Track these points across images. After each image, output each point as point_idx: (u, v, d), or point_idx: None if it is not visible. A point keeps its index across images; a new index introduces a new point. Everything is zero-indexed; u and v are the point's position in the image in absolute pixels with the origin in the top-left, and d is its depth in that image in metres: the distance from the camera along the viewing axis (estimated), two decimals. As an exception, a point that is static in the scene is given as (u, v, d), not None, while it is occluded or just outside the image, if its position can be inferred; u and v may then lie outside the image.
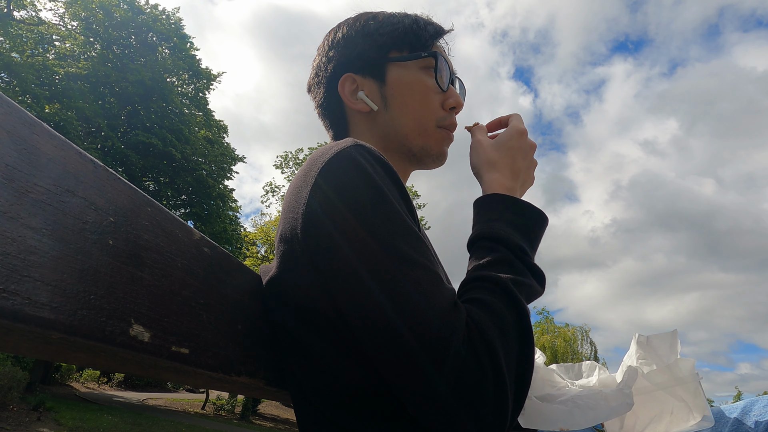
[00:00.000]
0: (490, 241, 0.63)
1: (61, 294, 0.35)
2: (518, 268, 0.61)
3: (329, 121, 0.88)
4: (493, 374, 0.50)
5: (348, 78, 0.82)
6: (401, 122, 0.81)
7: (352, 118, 0.84)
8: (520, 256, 0.62)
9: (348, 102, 0.82)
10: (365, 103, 0.81)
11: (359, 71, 0.82)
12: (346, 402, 0.58)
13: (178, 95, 18.36)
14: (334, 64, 0.84)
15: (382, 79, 0.81)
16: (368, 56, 0.82)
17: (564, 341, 30.63)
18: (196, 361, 0.50)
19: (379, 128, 0.82)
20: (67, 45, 16.54)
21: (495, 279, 0.58)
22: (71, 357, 0.44)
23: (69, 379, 21.67)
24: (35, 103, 13.89)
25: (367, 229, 0.54)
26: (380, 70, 0.81)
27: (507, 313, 0.55)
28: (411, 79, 0.81)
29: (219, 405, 20.49)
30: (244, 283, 0.62)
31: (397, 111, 0.81)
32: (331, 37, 0.86)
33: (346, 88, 0.83)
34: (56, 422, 9.61)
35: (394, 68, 0.81)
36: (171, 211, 0.49)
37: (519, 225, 0.65)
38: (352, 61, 0.83)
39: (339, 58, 0.84)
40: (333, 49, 0.85)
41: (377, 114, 0.81)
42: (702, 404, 0.71)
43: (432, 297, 0.52)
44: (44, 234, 0.34)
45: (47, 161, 0.35)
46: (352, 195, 0.56)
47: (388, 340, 0.52)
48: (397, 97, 0.81)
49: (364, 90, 0.81)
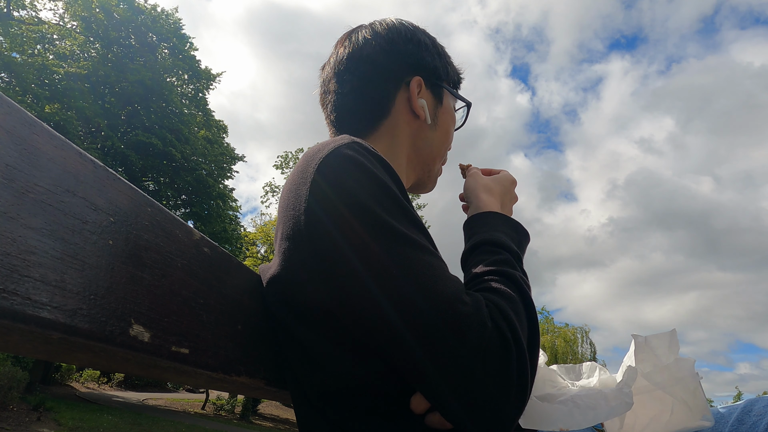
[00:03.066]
0: (494, 246, 0.68)
1: (61, 294, 0.35)
2: (520, 270, 0.66)
3: (359, 107, 0.83)
4: (516, 350, 0.52)
5: (419, 81, 0.83)
6: (437, 147, 0.87)
7: (398, 113, 0.82)
8: (519, 261, 0.68)
9: (414, 101, 0.82)
10: (424, 111, 0.83)
11: (427, 81, 0.84)
12: (347, 401, 0.58)
13: (178, 95, 18.37)
14: (404, 60, 0.83)
15: (440, 99, 0.86)
16: (437, 72, 0.85)
17: (564, 341, 30.65)
18: (196, 361, 0.50)
19: (419, 140, 0.85)
20: (67, 45, 16.55)
21: (506, 273, 0.63)
22: (71, 357, 0.44)
23: (69, 379, 21.67)
24: (35, 103, 13.89)
25: (365, 229, 0.54)
26: (440, 90, 0.86)
27: (519, 302, 0.59)
28: (452, 113, 0.90)
29: (219, 405, 20.49)
30: (244, 283, 0.62)
31: (440, 134, 0.87)
32: (401, 29, 0.85)
33: (415, 90, 0.82)
34: (56, 422, 9.61)
35: (447, 96, 0.88)
36: (171, 211, 0.49)
37: (513, 238, 0.72)
38: (421, 66, 0.84)
39: (411, 56, 0.83)
40: (401, 44, 0.83)
41: (423, 126, 0.84)
42: (702, 404, 0.71)
43: (448, 278, 0.55)
44: (44, 234, 0.34)
45: (47, 161, 0.35)
46: (352, 191, 0.56)
47: (387, 341, 0.52)
48: (444, 122, 0.87)
49: (425, 100, 0.83)
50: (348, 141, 0.61)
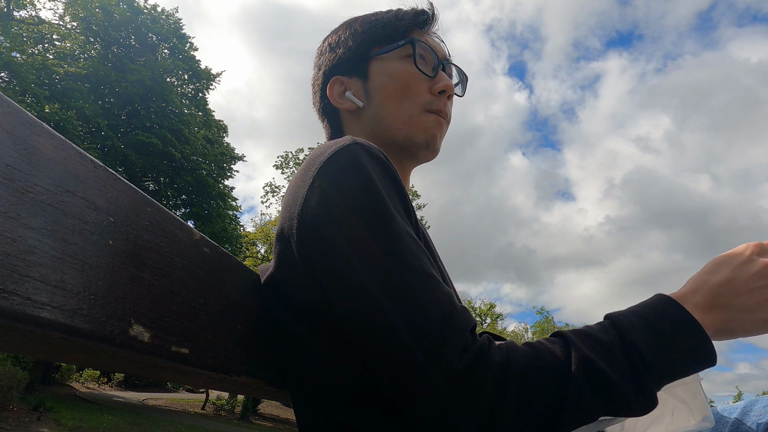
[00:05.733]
0: (609, 321, 0.55)
1: (61, 294, 0.35)
2: (615, 359, 0.50)
3: (327, 124, 0.90)
4: (494, 389, 0.47)
5: (336, 81, 0.84)
6: (384, 113, 0.80)
7: (344, 119, 0.86)
8: (630, 353, 0.50)
9: (335, 103, 0.84)
10: (351, 101, 0.82)
11: (345, 72, 0.84)
12: (346, 400, 0.58)
13: (178, 95, 18.38)
14: (324, 71, 0.86)
15: (365, 75, 0.82)
16: (351, 56, 0.83)
17: (564, 341, 30.62)
18: (196, 361, 0.50)
19: (366, 124, 0.82)
20: (67, 45, 16.55)
21: (568, 337, 0.52)
22: (71, 357, 0.44)
23: (69, 379, 21.67)
24: (35, 102, 13.89)
25: (363, 230, 0.54)
26: (363, 67, 0.82)
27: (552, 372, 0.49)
28: (391, 70, 0.80)
29: (219, 405, 20.49)
30: (244, 283, 0.62)
31: (378, 103, 0.80)
32: (322, 46, 0.89)
33: (334, 91, 0.84)
34: (56, 422, 9.61)
35: (375, 63, 0.82)
36: (171, 211, 0.49)
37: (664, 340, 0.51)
38: (338, 64, 0.84)
39: (327, 64, 0.86)
40: (322, 56, 0.88)
41: (363, 110, 0.82)
42: (702, 405, 0.71)
43: (428, 298, 0.52)
44: (44, 234, 0.34)
45: (47, 161, 0.35)
46: (348, 195, 0.56)
47: (384, 339, 0.51)
48: (378, 89, 0.80)
49: (351, 89, 0.83)
50: (349, 142, 0.61)
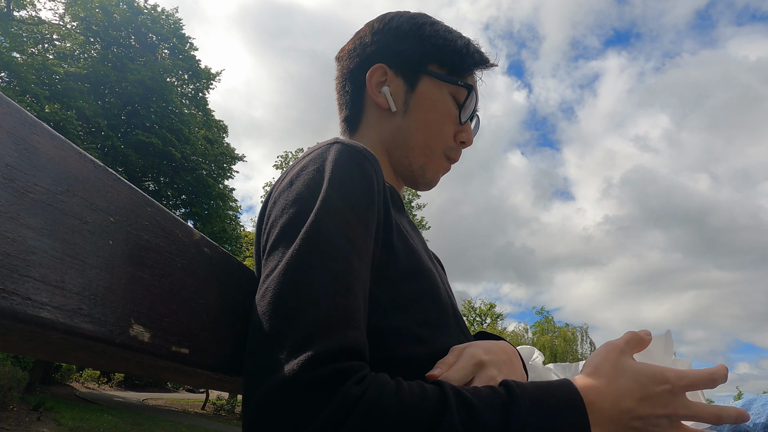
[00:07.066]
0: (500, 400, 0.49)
1: (61, 294, 0.35)
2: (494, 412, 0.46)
3: (347, 99, 0.87)
4: None
5: (380, 68, 0.82)
6: (414, 134, 0.80)
7: (369, 108, 0.84)
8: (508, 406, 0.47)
9: (369, 89, 0.82)
10: (386, 99, 0.81)
11: (394, 67, 0.82)
12: None
13: (178, 95, 18.37)
14: (377, 48, 0.83)
15: (412, 85, 0.81)
16: (410, 58, 0.81)
17: (564, 341, 30.62)
18: (196, 361, 0.50)
19: (391, 130, 0.81)
20: (67, 45, 16.55)
21: (447, 386, 0.48)
22: (71, 357, 0.44)
23: (69, 379, 21.66)
24: (35, 102, 13.89)
25: (296, 224, 0.55)
26: (414, 76, 0.81)
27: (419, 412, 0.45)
28: (438, 99, 0.81)
29: (219, 405, 20.48)
30: (244, 283, 0.62)
31: (414, 122, 0.80)
32: (387, 20, 0.85)
33: (374, 78, 0.82)
34: (56, 422, 9.61)
35: (427, 80, 0.81)
36: (171, 211, 0.49)
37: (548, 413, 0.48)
38: (393, 54, 0.82)
39: (383, 44, 0.83)
40: (381, 33, 0.84)
41: (394, 116, 0.81)
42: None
43: (320, 302, 0.49)
44: (44, 234, 0.34)
45: (47, 161, 0.35)
46: (307, 198, 0.57)
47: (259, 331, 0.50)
48: (420, 109, 0.80)
49: (390, 87, 0.81)
50: (329, 144, 0.63)
